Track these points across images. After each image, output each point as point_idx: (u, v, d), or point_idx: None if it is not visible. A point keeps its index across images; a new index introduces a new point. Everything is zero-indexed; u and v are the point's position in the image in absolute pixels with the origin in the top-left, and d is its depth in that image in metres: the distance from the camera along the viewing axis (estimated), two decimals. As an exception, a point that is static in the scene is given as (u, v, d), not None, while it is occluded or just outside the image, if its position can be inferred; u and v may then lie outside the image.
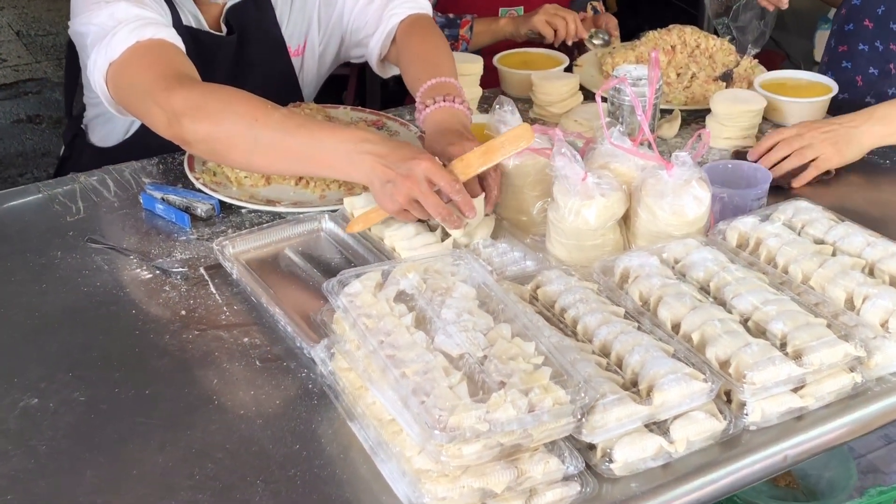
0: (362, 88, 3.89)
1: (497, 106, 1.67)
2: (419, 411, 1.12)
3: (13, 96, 5.11)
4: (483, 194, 1.60)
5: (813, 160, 1.86)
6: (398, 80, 2.10)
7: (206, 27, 1.95)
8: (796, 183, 1.85)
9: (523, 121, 1.64)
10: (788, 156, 1.86)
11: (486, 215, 1.63)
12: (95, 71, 1.72)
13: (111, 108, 1.78)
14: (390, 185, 1.53)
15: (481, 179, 1.62)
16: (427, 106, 1.75)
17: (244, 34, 1.99)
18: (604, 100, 2.08)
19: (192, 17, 1.94)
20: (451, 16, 2.51)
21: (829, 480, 1.91)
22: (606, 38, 2.53)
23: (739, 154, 1.95)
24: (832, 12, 3.75)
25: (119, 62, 1.70)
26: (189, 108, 1.62)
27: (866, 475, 1.95)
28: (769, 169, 1.79)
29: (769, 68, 2.31)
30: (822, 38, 3.69)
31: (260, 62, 2.03)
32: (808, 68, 3.70)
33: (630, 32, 4.11)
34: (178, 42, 1.76)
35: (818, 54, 3.71)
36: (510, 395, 1.12)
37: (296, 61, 2.11)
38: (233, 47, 1.98)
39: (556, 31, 2.46)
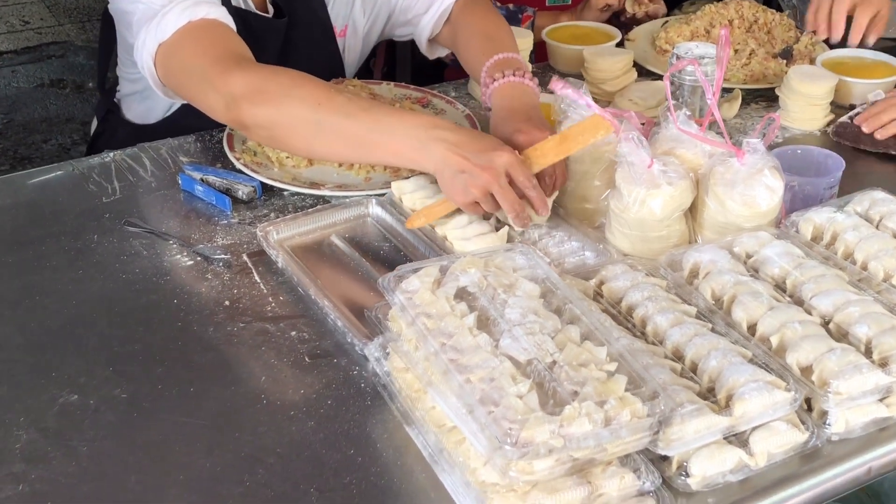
0: (391, 56, 3.81)
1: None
2: (487, 422, 1.04)
3: (36, 60, 5.03)
4: (556, 193, 1.54)
5: None
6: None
7: (253, 8, 1.87)
8: None
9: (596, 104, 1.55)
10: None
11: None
12: (144, 52, 1.65)
13: (159, 90, 1.71)
14: (465, 175, 1.45)
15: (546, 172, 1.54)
16: (495, 79, 1.67)
17: (292, 16, 1.91)
18: (660, 78, 2.00)
19: None
20: (511, 7, 2.41)
21: (892, 480, 1.83)
22: None
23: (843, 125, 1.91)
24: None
25: (170, 43, 1.62)
26: (249, 92, 1.55)
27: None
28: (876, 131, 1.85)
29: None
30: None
31: (307, 44, 1.95)
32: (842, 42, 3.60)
33: (675, 1, 4.00)
34: (231, 22, 1.68)
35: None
36: (584, 407, 1.05)
37: (340, 42, 2.04)
38: (281, 30, 1.90)
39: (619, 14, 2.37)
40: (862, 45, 2.11)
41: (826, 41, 2.15)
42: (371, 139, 1.54)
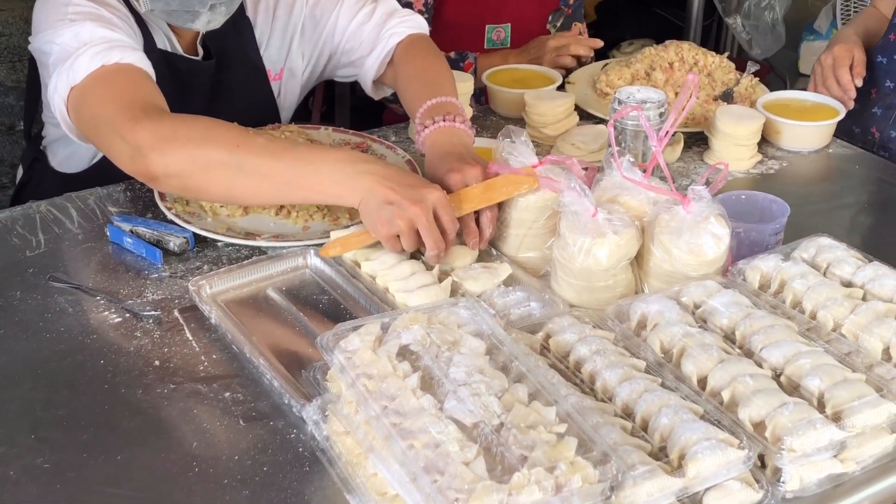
0: (330, 94, 3.77)
1: (504, 137, 1.55)
2: (432, 492, 0.99)
3: (-43, 99, 4.89)
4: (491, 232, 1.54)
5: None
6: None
7: (180, 51, 1.82)
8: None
9: (536, 151, 1.53)
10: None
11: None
12: (56, 95, 1.59)
13: (72, 134, 1.65)
14: (392, 207, 1.43)
15: (477, 215, 1.54)
16: (426, 126, 1.66)
17: (222, 59, 1.86)
18: (601, 121, 1.98)
19: (167, 39, 1.80)
20: (452, 55, 2.37)
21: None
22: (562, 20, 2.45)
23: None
24: (817, 22, 3.70)
25: (81, 87, 1.56)
26: (157, 141, 1.49)
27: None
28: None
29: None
30: (807, 49, 3.61)
31: (239, 88, 1.90)
32: (793, 80, 3.65)
33: (611, 42, 4.03)
34: (148, 67, 1.62)
35: (803, 65, 3.63)
36: (534, 474, 1.00)
37: (275, 85, 1.99)
38: (210, 73, 1.85)
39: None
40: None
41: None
42: (294, 177, 1.50)
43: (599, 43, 2.37)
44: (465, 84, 2.01)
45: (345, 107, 3.62)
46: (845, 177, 2.00)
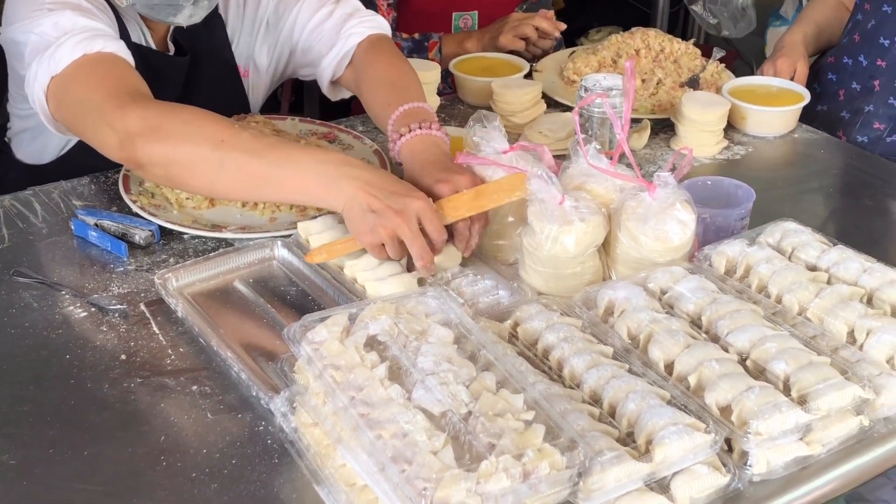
0: (299, 86, 3.75)
1: (475, 123, 1.54)
2: (400, 481, 0.99)
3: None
4: (477, 237, 1.51)
5: None
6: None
7: (153, 46, 1.80)
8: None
9: (507, 138, 1.52)
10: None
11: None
12: (36, 84, 1.57)
13: (50, 125, 1.63)
14: (375, 216, 1.40)
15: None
16: (402, 135, 1.61)
17: (195, 55, 1.84)
18: (568, 109, 1.98)
19: (140, 33, 1.78)
20: (416, 37, 2.36)
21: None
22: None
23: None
24: (783, 8, 3.71)
25: (63, 76, 1.55)
26: (145, 128, 1.48)
27: (851, 503, 1.88)
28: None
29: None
30: (773, 34, 3.62)
31: (211, 83, 1.89)
32: (760, 65, 3.66)
33: (579, 29, 4.04)
34: (129, 56, 1.61)
35: (770, 51, 3.63)
36: (502, 462, 1.00)
37: (245, 81, 1.97)
38: (184, 69, 1.83)
39: (526, 41, 2.33)
40: None
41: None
42: (277, 176, 1.47)
43: (562, 26, 2.36)
44: (431, 73, 2.01)
45: (314, 97, 3.61)
46: (811, 161, 2.01)
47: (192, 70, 1.86)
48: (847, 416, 1.21)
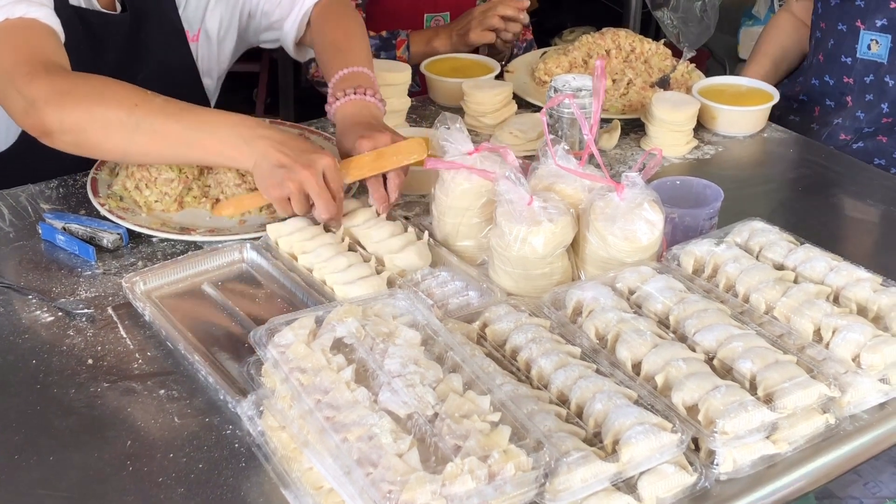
0: (274, 85, 3.74)
1: (440, 124, 1.54)
2: (365, 485, 0.99)
3: None
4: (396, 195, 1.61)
5: None
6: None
7: (96, 6, 1.79)
8: None
9: (472, 141, 1.53)
10: None
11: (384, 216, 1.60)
12: None
13: None
14: (283, 170, 1.48)
15: (385, 180, 1.60)
16: (337, 99, 1.69)
17: (138, 14, 1.83)
18: (540, 109, 1.98)
19: None
20: (384, 34, 2.36)
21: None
22: None
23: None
24: (756, 7, 3.73)
25: None
26: (53, 95, 1.49)
27: (822, 501, 1.89)
28: None
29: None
30: (746, 34, 3.64)
31: (155, 47, 1.88)
32: (733, 65, 3.68)
33: (552, 30, 4.04)
34: (56, 25, 1.61)
35: (742, 50, 3.67)
36: (467, 464, 1.00)
37: (193, 46, 1.96)
38: (125, 27, 1.82)
39: (496, 33, 2.32)
40: None
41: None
42: (192, 138, 1.52)
43: (526, 2, 2.35)
44: (401, 74, 2.00)
45: (289, 98, 3.60)
46: (780, 161, 2.02)
47: (136, 31, 1.85)
48: (813, 414, 1.22)
